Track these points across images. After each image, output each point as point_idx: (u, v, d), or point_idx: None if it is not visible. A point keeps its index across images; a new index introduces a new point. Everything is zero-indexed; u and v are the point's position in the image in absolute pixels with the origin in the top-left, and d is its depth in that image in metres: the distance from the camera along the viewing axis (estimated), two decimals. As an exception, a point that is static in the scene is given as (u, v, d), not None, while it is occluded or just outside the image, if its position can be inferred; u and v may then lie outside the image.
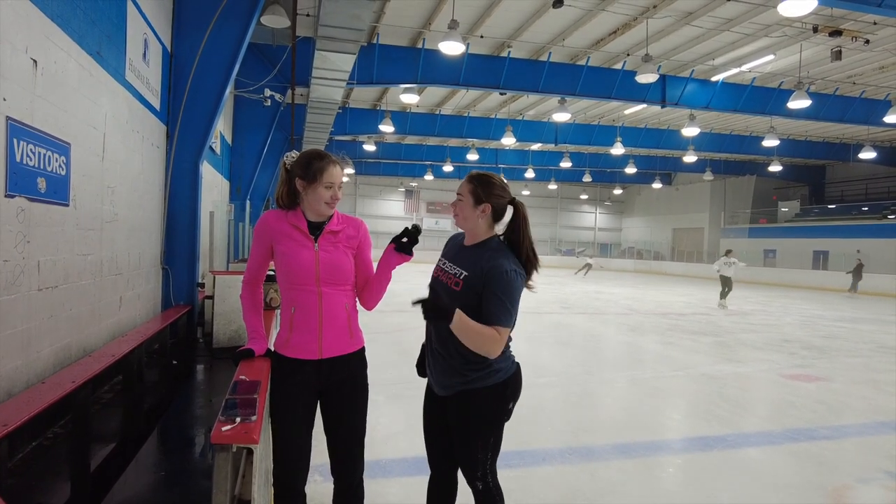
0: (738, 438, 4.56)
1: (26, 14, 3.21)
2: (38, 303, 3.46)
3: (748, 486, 3.61)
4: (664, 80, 15.05)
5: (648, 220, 42.99)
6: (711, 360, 7.85)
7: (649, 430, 4.80)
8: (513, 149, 28.74)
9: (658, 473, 3.87)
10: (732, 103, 15.90)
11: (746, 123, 22.34)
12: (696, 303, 16.73)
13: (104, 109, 4.45)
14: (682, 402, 5.84)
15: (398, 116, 20.12)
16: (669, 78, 15.24)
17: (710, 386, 6.33)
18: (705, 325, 11.46)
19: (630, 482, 3.61)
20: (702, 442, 4.50)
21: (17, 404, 2.73)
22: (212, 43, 6.10)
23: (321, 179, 2.18)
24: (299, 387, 2.16)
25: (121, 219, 4.91)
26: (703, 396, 5.92)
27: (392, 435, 4.43)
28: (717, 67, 15.16)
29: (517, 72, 14.10)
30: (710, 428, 4.82)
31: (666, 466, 4.02)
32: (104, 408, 4.46)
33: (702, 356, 8.07)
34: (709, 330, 10.83)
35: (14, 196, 3.12)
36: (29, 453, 3.46)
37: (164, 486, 3.20)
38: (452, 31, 10.58)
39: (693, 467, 4.01)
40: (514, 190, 2.29)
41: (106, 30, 4.43)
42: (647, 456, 4.14)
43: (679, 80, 15.36)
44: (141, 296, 5.64)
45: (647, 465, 3.95)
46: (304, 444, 2.16)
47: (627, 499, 3.37)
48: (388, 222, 41.90)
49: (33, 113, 3.31)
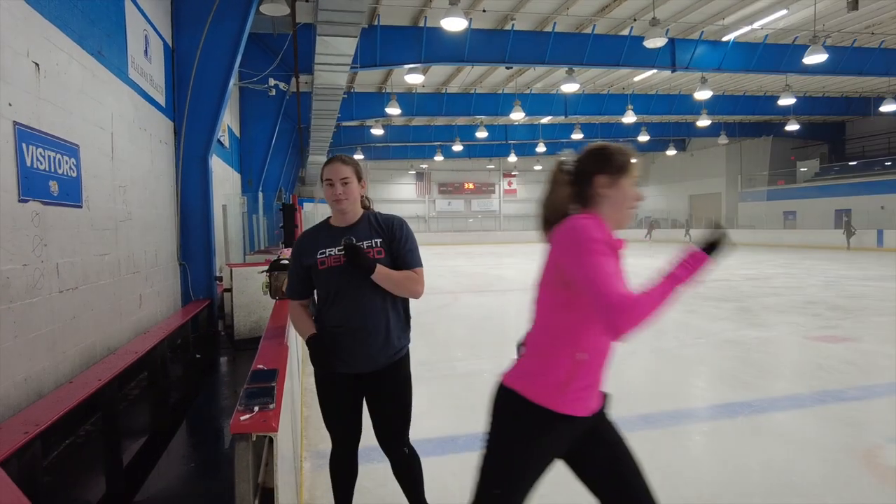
0: (764, 403, 4.51)
1: (24, 17, 3.20)
2: (60, 304, 3.51)
3: (777, 451, 3.57)
4: (673, 44, 14.70)
5: (664, 188, 42.40)
6: (734, 325, 7.76)
7: (674, 398, 4.77)
8: (522, 123, 28.45)
9: (684, 442, 3.85)
10: (745, 63, 15.50)
11: (760, 83, 21.81)
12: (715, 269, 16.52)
13: (110, 109, 4.45)
14: (705, 370, 5.79)
15: (404, 98, 19.96)
16: (678, 41, 14.89)
17: (733, 352, 6.26)
18: (726, 291, 11.33)
19: (656, 451, 3.59)
20: (728, 408, 4.46)
21: (47, 404, 2.79)
22: (212, 35, 6.06)
23: None
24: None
25: (134, 217, 4.94)
26: (727, 363, 5.86)
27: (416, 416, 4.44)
28: (728, 27, 14.76)
29: (522, 44, 13.86)
30: (735, 394, 4.78)
31: (692, 434, 4.00)
32: (132, 404, 4.54)
33: (724, 322, 7.99)
34: (730, 296, 10.70)
35: (28, 200, 3.15)
36: (63, 451, 3.54)
37: (194, 478, 3.26)
38: (454, 7, 10.41)
39: (720, 434, 3.98)
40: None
41: (106, 28, 4.42)
42: (672, 425, 4.12)
43: (688, 42, 14.99)
44: (160, 292, 5.71)
45: (672, 434, 3.93)
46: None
47: (654, 468, 3.34)
48: (400, 206, 41.89)
49: (39, 116, 3.32)
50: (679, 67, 14.95)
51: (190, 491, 3.13)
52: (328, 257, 2.24)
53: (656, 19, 11.98)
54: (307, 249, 2.28)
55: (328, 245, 2.26)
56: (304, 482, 3.07)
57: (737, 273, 15.02)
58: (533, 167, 41.50)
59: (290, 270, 2.38)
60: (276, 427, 1.46)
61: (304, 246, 2.31)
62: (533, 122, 28.19)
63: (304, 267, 2.28)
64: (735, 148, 34.65)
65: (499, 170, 43.11)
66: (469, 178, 42.96)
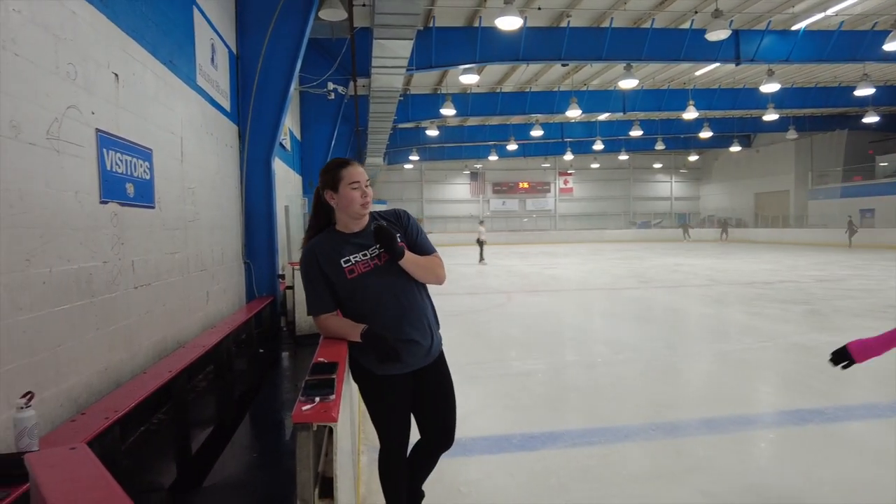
0: (838, 412, 4.28)
1: (106, 31, 3.42)
2: (135, 300, 3.73)
3: (850, 462, 3.39)
4: (737, 36, 14.10)
5: (728, 185, 40.74)
6: (804, 329, 7.38)
7: (738, 404, 4.59)
8: (579, 121, 27.99)
9: (749, 449, 3.70)
10: (817, 53, 14.68)
11: (834, 73, 20.60)
12: (783, 270, 15.77)
13: (179, 115, 4.69)
14: (772, 375, 5.54)
15: (459, 98, 20.03)
16: (743, 32, 14.27)
17: (803, 357, 5.97)
18: (795, 293, 10.79)
19: (718, 458, 3.47)
20: (797, 415, 4.25)
21: (124, 393, 2.98)
22: (274, 41, 6.29)
23: None
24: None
25: (202, 217, 5.18)
26: (795, 368, 5.59)
27: (469, 414, 4.47)
28: (798, 15, 14.04)
29: (578, 41, 13.64)
30: (805, 401, 4.55)
31: (757, 441, 3.84)
32: (200, 395, 4.77)
33: (792, 325, 7.61)
34: (799, 298, 10.18)
35: (107, 202, 3.36)
36: (139, 437, 3.76)
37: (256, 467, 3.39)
38: (509, 6, 10.37)
39: (788, 442, 3.80)
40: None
41: (177, 39, 4.66)
42: (736, 431, 3.97)
43: (754, 33, 14.34)
44: (226, 289, 5.96)
45: (736, 441, 3.79)
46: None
47: (716, 475, 3.24)
48: (454, 206, 42.03)
49: (118, 123, 3.54)
50: (744, 60, 14.33)
51: (253, 479, 3.26)
52: (356, 264, 2.16)
53: (719, 11, 11.54)
54: (326, 259, 2.17)
55: (351, 252, 2.18)
56: (360, 475, 3.15)
57: (805, 274, 14.27)
58: (590, 165, 40.73)
59: (309, 285, 2.21)
60: (336, 417, 1.51)
61: (320, 255, 2.19)
62: (590, 119, 27.68)
63: (326, 275, 2.17)
64: (805, 143, 32.88)
65: (554, 168, 42.55)
66: (524, 177, 42.61)
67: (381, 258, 2.20)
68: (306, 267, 2.21)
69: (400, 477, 2.38)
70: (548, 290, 12.97)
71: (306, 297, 2.25)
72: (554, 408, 4.60)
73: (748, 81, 21.26)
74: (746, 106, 22.70)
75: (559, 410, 4.55)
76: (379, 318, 2.17)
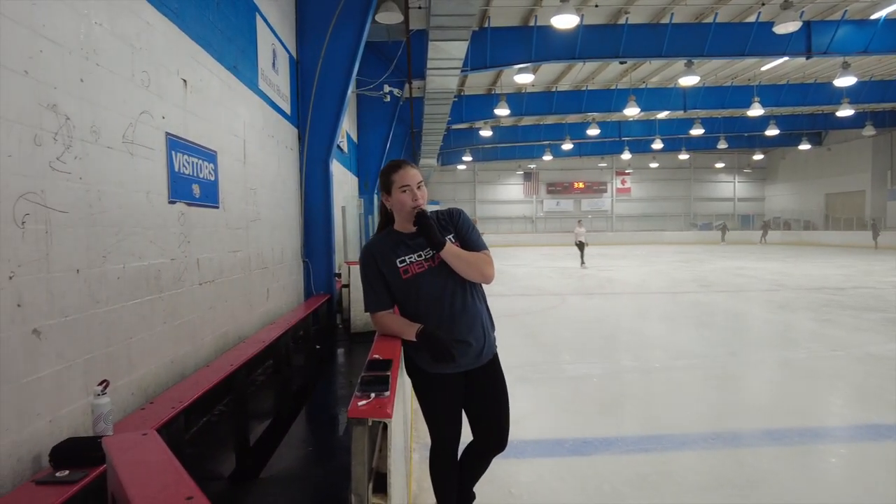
0: (918, 427, 4.00)
1: (176, 40, 3.59)
2: (200, 295, 3.90)
3: (932, 481, 3.16)
4: (808, 27, 13.36)
5: (795, 185, 38.70)
6: (880, 338, 6.94)
7: (805, 415, 4.36)
8: (637, 119, 27.28)
9: (817, 464, 3.51)
10: (900, 43, 13.74)
11: (918, 65, 19.26)
12: (857, 275, 14.86)
13: (242, 118, 4.87)
14: (844, 386, 5.23)
15: (513, 98, 19.89)
16: (815, 24, 13.52)
17: (879, 367, 5.60)
18: (870, 300, 10.15)
19: (784, 472, 3.31)
20: (872, 430, 4.00)
21: (189, 384, 3.12)
22: (332, 46, 6.44)
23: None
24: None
25: (263, 217, 5.36)
26: (870, 379, 5.25)
27: (521, 417, 4.44)
28: (878, 2, 13.18)
29: (637, 38, 13.29)
30: (881, 415, 4.27)
31: (827, 456, 3.64)
32: (259, 389, 4.94)
33: (867, 334, 7.16)
34: (874, 305, 9.57)
35: (175, 202, 3.53)
36: (202, 427, 3.93)
37: (312, 461, 3.49)
38: (565, 4, 10.22)
39: (860, 458, 3.58)
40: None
41: (240, 45, 4.84)
42: (803, 444, 3.77)
43: (828, 24, 13.57)
44: (286, 287, 6.15)
45: (803, 454, 3.60)
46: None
47: (782, 490, 3.09)
48: (507, 207, 41.75)
49: (186, 127, 3.71)
50: (816, 53, 13.56)
51: (308, 473, 3.35)
52: (411, 265, 2.20)
53: (789, 2, 10.99)
54: (383, 259, 2.22)
55: (406, 253, 2.22)
56: (412, 472, 3.18)
57: (883, 280, 13.40)
58: (648, 165, 39.60)
59: (366, 282, 2.26)
60: (391, 414, 1.53)
61: (377, 254, 2.24)
62: (648, 117, 26.92)
63: (383, 274, 2.22)
64: (884, 139, 30.85)
65: (611, 168, 41.58)
66: (579, 176, 41.85)
67: (434, 259, 2.22)
68: (364, 266, 2.28)
69: (449, 475, 2.40)
70: (603, 292, 12.71)
71: (364, 294, 2.30)
72: (608, 413, 4.50)
73: (819, 75, 20.15)
74: (817, 102, 21.49)
75: (614, 416, 4.45)
76: (433, 318, 2.19)
